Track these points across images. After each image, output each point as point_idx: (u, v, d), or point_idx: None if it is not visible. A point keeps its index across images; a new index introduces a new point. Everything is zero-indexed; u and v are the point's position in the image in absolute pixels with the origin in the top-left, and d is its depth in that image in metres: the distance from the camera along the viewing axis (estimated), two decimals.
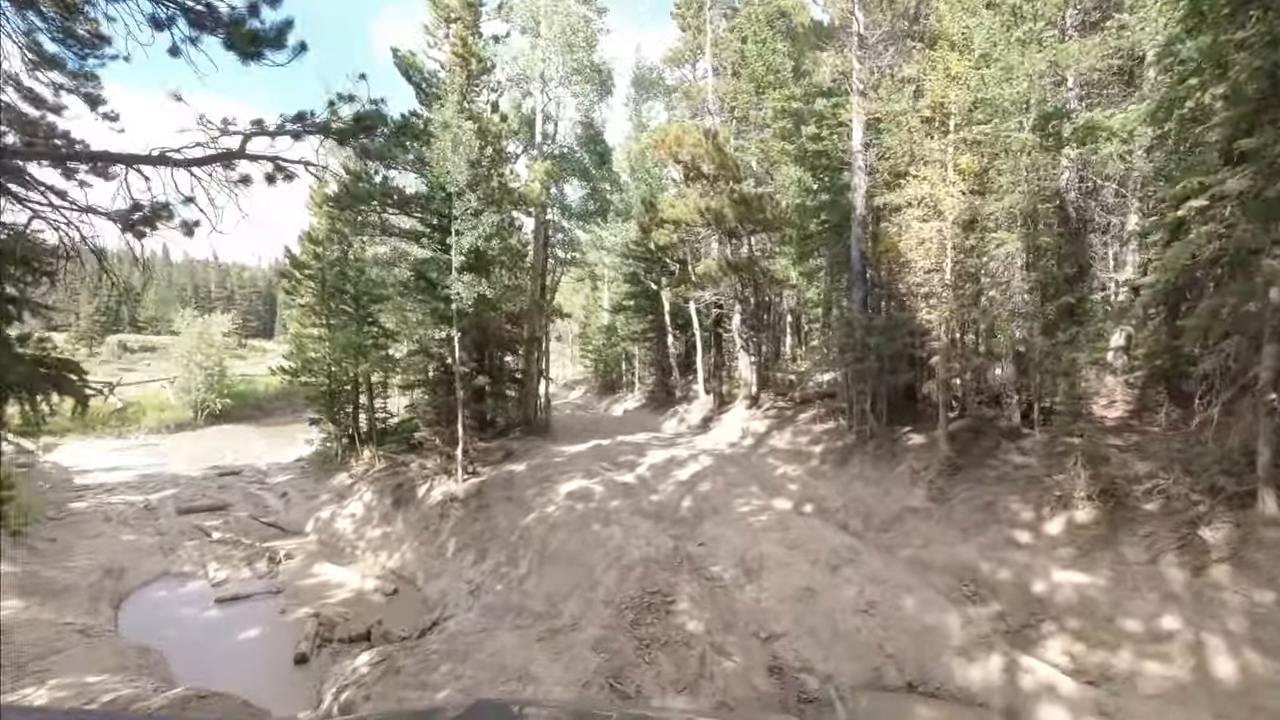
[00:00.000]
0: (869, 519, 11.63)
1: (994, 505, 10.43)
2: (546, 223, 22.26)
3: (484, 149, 15.77)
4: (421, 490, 15.50)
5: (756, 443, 16.81)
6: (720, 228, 16.82)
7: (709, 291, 18.63)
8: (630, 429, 22.26)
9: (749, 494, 12.90)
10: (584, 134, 23.52)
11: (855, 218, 14.97)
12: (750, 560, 9.67)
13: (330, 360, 19.81)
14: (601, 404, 35.72)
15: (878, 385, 14.25)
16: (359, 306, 20.73)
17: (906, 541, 10.41)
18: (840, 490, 12.97)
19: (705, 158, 16.10)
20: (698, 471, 14.32)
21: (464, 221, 14.45)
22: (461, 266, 14.66)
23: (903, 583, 8.56)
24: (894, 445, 13.73)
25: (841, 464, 14.12)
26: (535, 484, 14.34)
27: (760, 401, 19.44)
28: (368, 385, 23.47)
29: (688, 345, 29.44)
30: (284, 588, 12.86)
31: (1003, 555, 9.16)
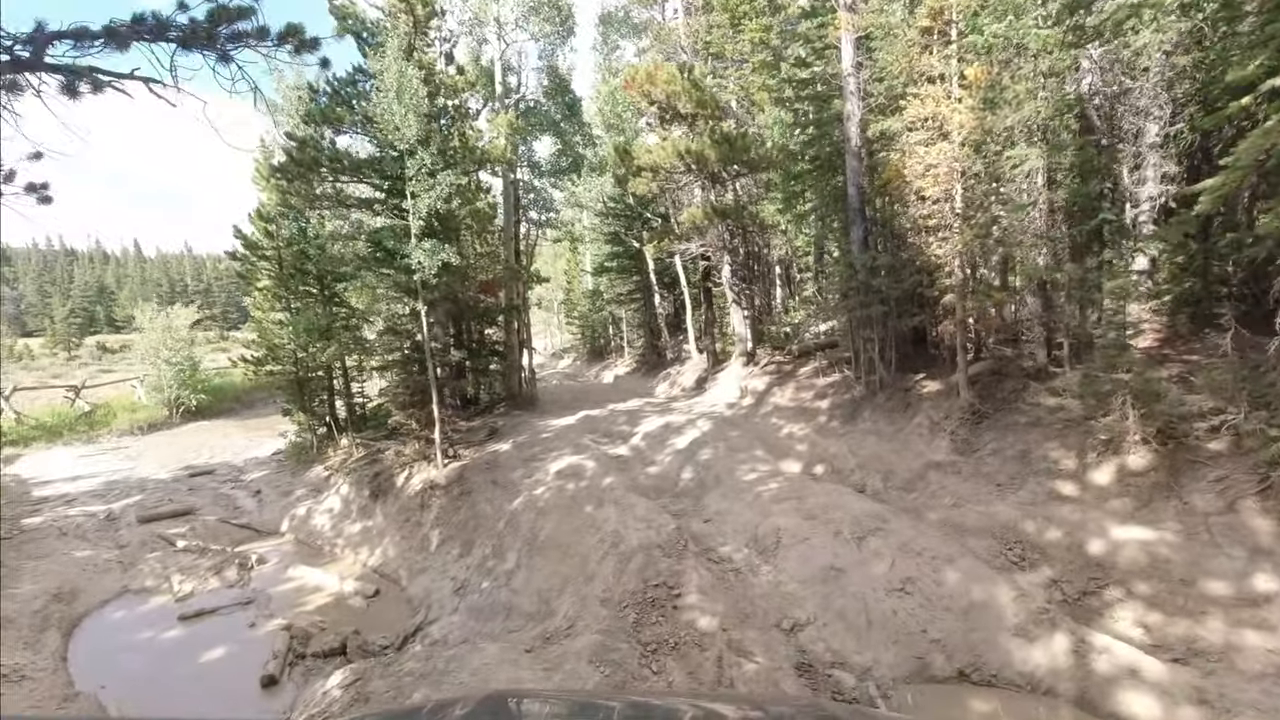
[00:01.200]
0: (889, 478, 10.57)
1: (1029, 455, 9.36)
2: (516, 183, 20.77)
3: (436, 100, 14.25)
4: (400, 479, 14.35)
5: (757, 402, 15.70)
6: (702, 171, 15.42)
7: (695, 243, 17.31)
8: (621, 396, 21.12)
9: (754, 459, 11.81)
10: (550, 84, 21.90)
11: (850, 149, 13.62)
12: (764, 536, 8.59)
13: (296, 345, 18.43)
14: (591, 371, 34.55)
15: (885, 331, 13.10)
16: (323, 286, 19.32)
17: (934, 502, 9.36)
18: (853, 448, 11.90)
19: (681, 95, 14.63)
20: (696, 438, 13.21)
21: (419, 183, 13.01)
22: (421, 232, 13.27)
23: (939, 552, 7.50)
24: (907, 395, 12.63)
25: (851, 419, 13.04)
26: (522, 464, 13.21)
27: (757, 357, 18.29)
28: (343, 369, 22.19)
29: (676, 304, 28.19)
30: (255, 597, 11.76)
31: (1047, 511, 8.11)
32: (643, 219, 23.61)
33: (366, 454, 16.08)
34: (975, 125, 10.85)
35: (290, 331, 17.53)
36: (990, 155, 11.03)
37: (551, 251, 51.45)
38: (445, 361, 15.67)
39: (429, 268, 12.91)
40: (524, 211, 22.16)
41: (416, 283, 13.37)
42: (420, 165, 12.95)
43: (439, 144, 13.61)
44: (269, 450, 23.13)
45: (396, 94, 12.71)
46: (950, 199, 11.29)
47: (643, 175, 15.62)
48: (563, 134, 21.85)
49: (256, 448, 25.17)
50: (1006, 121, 10.54)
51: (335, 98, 15.95)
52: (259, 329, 20.11)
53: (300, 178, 16.32)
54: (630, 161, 15.75)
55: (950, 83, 11.32)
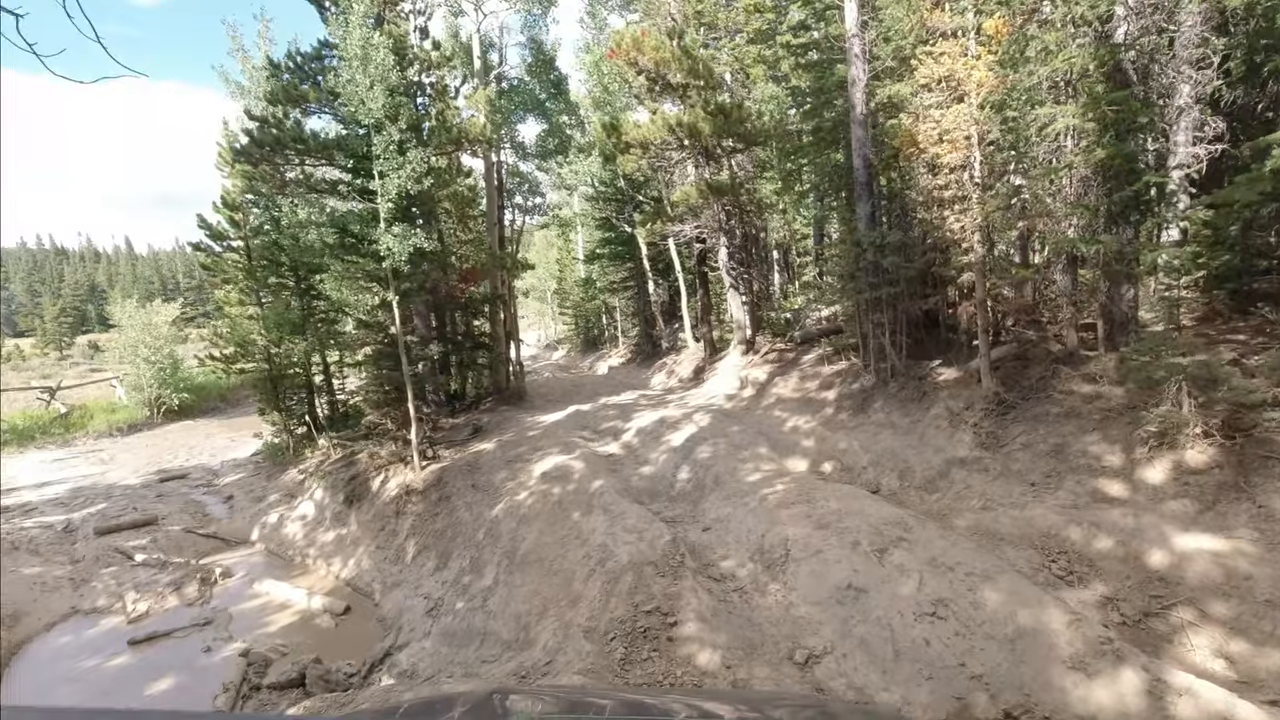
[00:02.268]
0: (906, 476, 9.57)
1: (1065, 449, 8.36)
2: (500, 165, 19.65)
3: (407, 72, 13.14)
4: (376, 483, 13.34)
5: (758, 393, 14.69)
6: (695, 146, 14.32)
7: (689, 225, 16.22)
8: (615, 388, 20.12)
9: (757, 456, 10.81)
10: (534, 60, 20.74)
11: (854, 118, 12.53)
12: (770, 548, 7.59)
13: (267, 341, 17.36)
14: (585, 362, 33.51)
15: (896, 314, 12.07)
16: (298, 278, 18.24)
17: (960, 504, 8.36)
18: (865, 443, 10.89)
19: (671, 63, 13.51)
20: (694, 434, 12.20)
21: (387, 161, 11.91)
22: (391, 216, 12.19)
23: (975, 566, 6.50)
24: (921, 384, 11.62)
25: (861, 410, 12.03)
26: (505, 465, 12.20)
27: (757, 346, 17.26)
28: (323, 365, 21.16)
29: (671, 291, 27.13)
30: (215, 616, 10.77)
31: (1093, 515, 7.11)
32: (635, 202, 22.50)
33: (343, 456, 15.07)
34: (996, 84, 9.79)
35: (260, 326, 16.42)
36: (1013, 117, 9.97)
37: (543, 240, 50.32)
38: (423, 356, 14.63)
39: (399, 254, 11.84)
40: (508, 196, 21.06)
41: (387, 271, 12.30)
42: (388, 142, 11.85)
43: (409, 119, 12.49)
44: (249, 451, 22.13)
45: (361, 63, 11.59)
46: (969, 167, 10.24)
47: (631, 152, 14.51)
48: (548, 113, 20.72)
49: (237, 448, 24.16)
50: (1033, 78, 9.47)
51: (298, 73, 14.82)
52: (230, 324, 19.02)
53: (265, 160, 15.23)
54: (618, 137, 14.65)
55: (967, 38, 10.24)
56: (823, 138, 14.28)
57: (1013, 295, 10.29)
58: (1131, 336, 9.79)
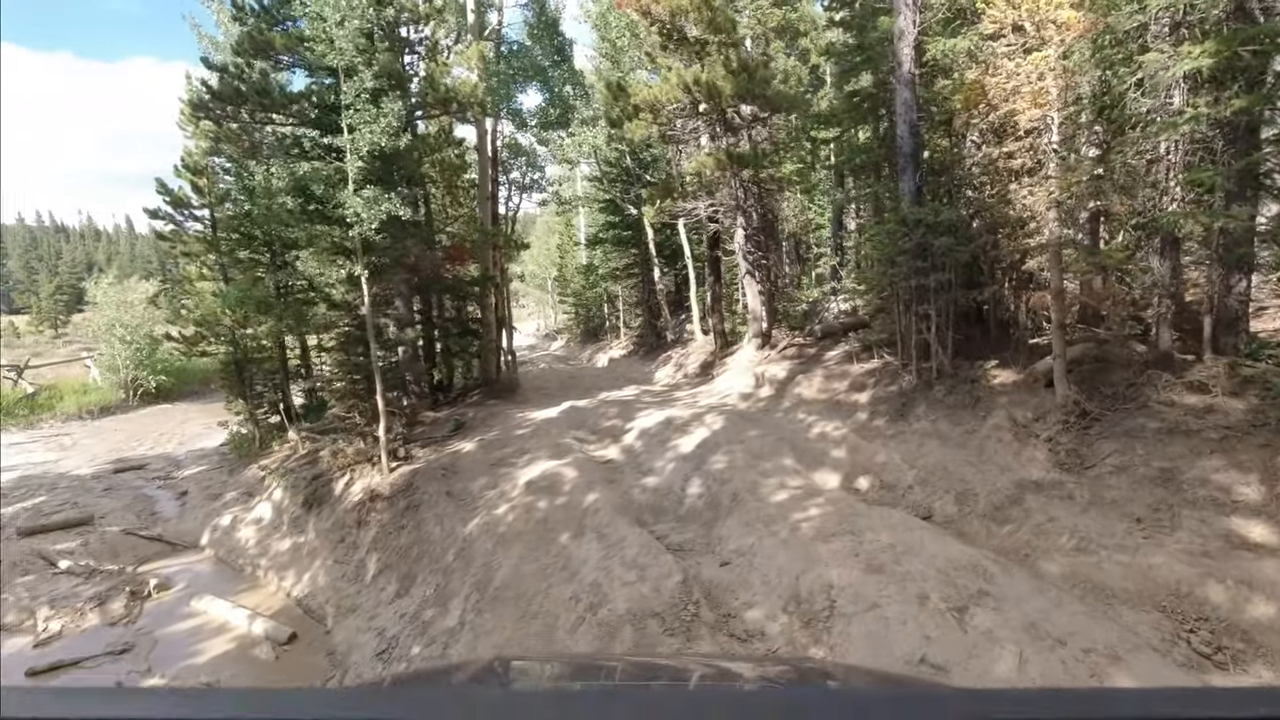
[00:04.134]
0: (966, 501, 7.89)
1: (1177, 476, 6.68)
2: (496, 134, 17.91)
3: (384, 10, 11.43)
4: (339, 486, 11.68)
5: (777, 393, 13.00)
6: (713, 110, 12.57)
7: (702, 203, 14.49)
8: (616, 382, 18.44)
9: (781, 469, 9.13)
10: (536, 22, 18.95)
11: (902, 77, 10.79)
12: (809, 596, 5.92)
13: (232, 321, 15.66)
14: (584, 353, 31.83)
15: (945, 306, 10.37)
16: (273, 253, 16.55)
17: (1044, 541, 6.68)
18: (908, 455, 9.21)
19: (690, 11, 11.75)
20: (706, 439, 10.52)
21: (359, 113, 10.20)
22: (362, 177, 10.49)
23: (1092, 638, 4.83)
24: (974, 387, 9.94)
25: (901, 416, 10.35)
26: (486, 470, 10.54)
27: (773, 340, 15.57)
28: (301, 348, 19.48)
29: (678, 279, 25.42)
30: (138, 641, 9.15)
31: (1238, 568, 5.44)
32: (641, 182, 20.77)
33: (310, 452, 13.42)
34: (1087, 28, 8.05)
35: (221, 304, 14.72)
36: (1107, 67, 8.25)
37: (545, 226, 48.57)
38: (399, 340, 12.95)
39: (368, 221, 10.14)
40: (504, 170, 19.33)
41: (355, 241, 10.61)
42: (359, 89, 10.14)
43: (385, 66, 10.77)
44: (220, 441, 20.49)
45: None
46: (1047, 128, 8.52)
47: (641, 117, 12.79)
48: (550, 81, 18.95)
49: (209, 436, 22.52)
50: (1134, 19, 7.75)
51: (265, 17, 13.08)
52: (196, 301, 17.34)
53: (228, 117, 13.53)
54: (625, 100, 12.92)
55: None
56: (857, 104, 12.54)
57: (1101, 285, 8.59)
58: (1242, 338, 8.11)
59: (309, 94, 11.60)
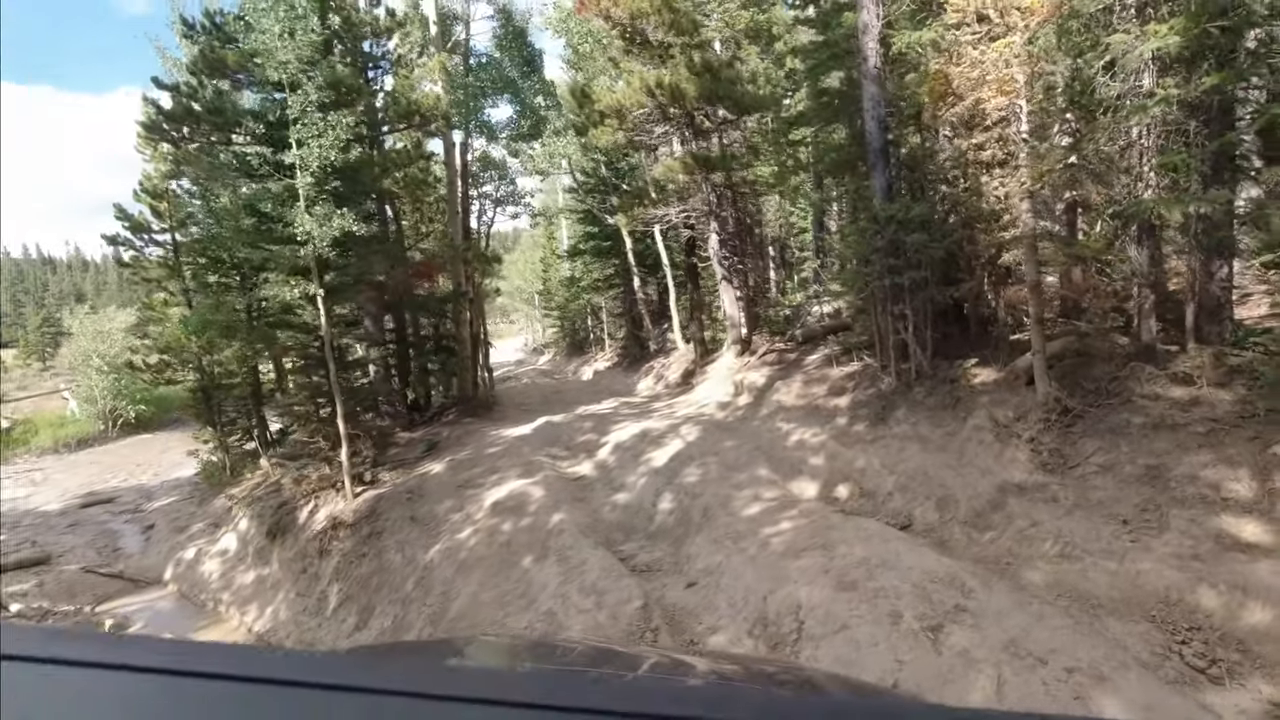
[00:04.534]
0: (947, 507, 7.52)
1: (1164, 473, 6.33)
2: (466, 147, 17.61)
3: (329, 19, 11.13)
4: (304, 514, 11.25)
5: (755, 400, 12.64)
6: (680, 114, 12.28)
7: (674, 209, 14.18)
8: (597, 395, 18.06)
9: (756, 480, 8.75)
10: (503, 34, 18.71)
11: (867, 72, 10.52)
12: (777, 618, 5.54)
13: (198, 346, 15.24)
14: (570, 367, 31.44)
15: (920, 304, 10.04)
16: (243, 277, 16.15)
17: (1028, 548, 6.30)
18: (888, 461, 8.85)
19: (650, 15, 11.48)
20: (680, 451, 10.15)
21: (306, 127, 9.86)
22: (314, 194, 10.13)
23: (1075, 655, 4.46)
24: (954, 387, 9.59)
25: (880, 420, 9.99)
26: (452, 492, 10.14)
27: (753, 346, 15.24)
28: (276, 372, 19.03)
29: (660, 288, 25.09)
30: None
31: (1230, 571, 5.08)
32: (617, 190, 20.48)
33: (278, 479, 12.98)
34: (1051, 12, 7.79)
35: (182, 330, 14.30)
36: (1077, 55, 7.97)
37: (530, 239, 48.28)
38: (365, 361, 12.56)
39: (320, 239, 9.78)
40: (476, 184, 19.01)
41: (310, 260, 10.23)
42: (304, 103, 9.80)
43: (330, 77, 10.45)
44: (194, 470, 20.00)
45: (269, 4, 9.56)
46: (1015, 119, 8.24)
47: (606, 123, 12.49)
48: (520, 92, 18.69)
49: (185, 466, 21.97)
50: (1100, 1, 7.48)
51: (218, 34, 12.77)
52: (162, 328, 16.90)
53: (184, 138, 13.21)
54: (590, 106, 12.62)
55: None
56: (827, 103, 12.27)
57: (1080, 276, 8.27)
58: (1226, 326, 7.79)
59: (259, 111, 11.25)
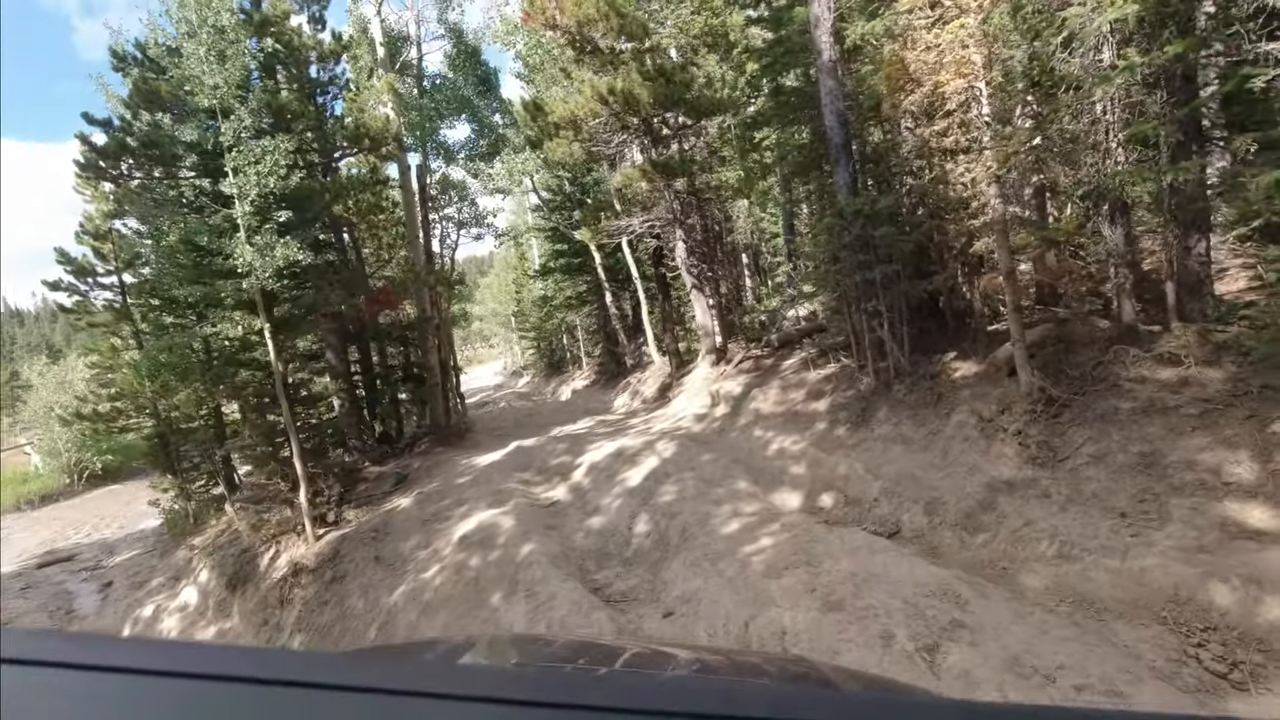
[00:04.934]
0: (935, 510, 7.12)
1: (1159, 460, 5.98)
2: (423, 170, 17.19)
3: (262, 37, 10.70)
4: (265, 561, 10.64)
5: (733, 410, 12.23)
6: (636, 120, 11.94)
7: (638, 219, 13.82)
8: (573, 415, 17.58)
9: (735, 495, 8.31)
10: (456, 53, 18.39)
11: (823, 65, 10.26)
12: (760, 645, 5.09)
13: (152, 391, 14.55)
14: (549, 388, 30.91)
15: (894, 299, 9.72)
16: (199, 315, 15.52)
17: (1023, 550, 5.91)
18: (872, 465, 8.46)
19: (598, 21, 11.15)
20: (656, 468, 9.70)
21: (241, 154, 9.37)
22: (255, 223, 9.63)
23: (1085, 670, 4.06)
24: (934, 383, 9.25)
25: (862, 422, 9.61)
26: (419, 527, 9.61)
27: (729, 354, 14.87)
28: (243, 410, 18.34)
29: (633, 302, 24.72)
30: None
31: (1242, 562, 4.71)
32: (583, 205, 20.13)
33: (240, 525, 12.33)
34: None
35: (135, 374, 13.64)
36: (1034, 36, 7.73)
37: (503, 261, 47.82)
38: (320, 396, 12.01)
39: (261, 270, 9.27)
40: (437, 206, 18.58)
41: (254, 293, 9.72)
42: (239, 128, 9.33)
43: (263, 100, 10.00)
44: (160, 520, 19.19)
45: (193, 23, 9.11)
46: (976, 101, 7.97)
47: (561, 135, 12.13)
48: (477, 112, 18.35)
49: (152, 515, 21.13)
50: None
51: (152, 66, 12.30)
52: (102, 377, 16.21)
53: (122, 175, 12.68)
54: (543, 118, 12.26)
55: None
56: (785, 101, 12.01)
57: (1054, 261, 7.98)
58: (1208, 302, 7.51)
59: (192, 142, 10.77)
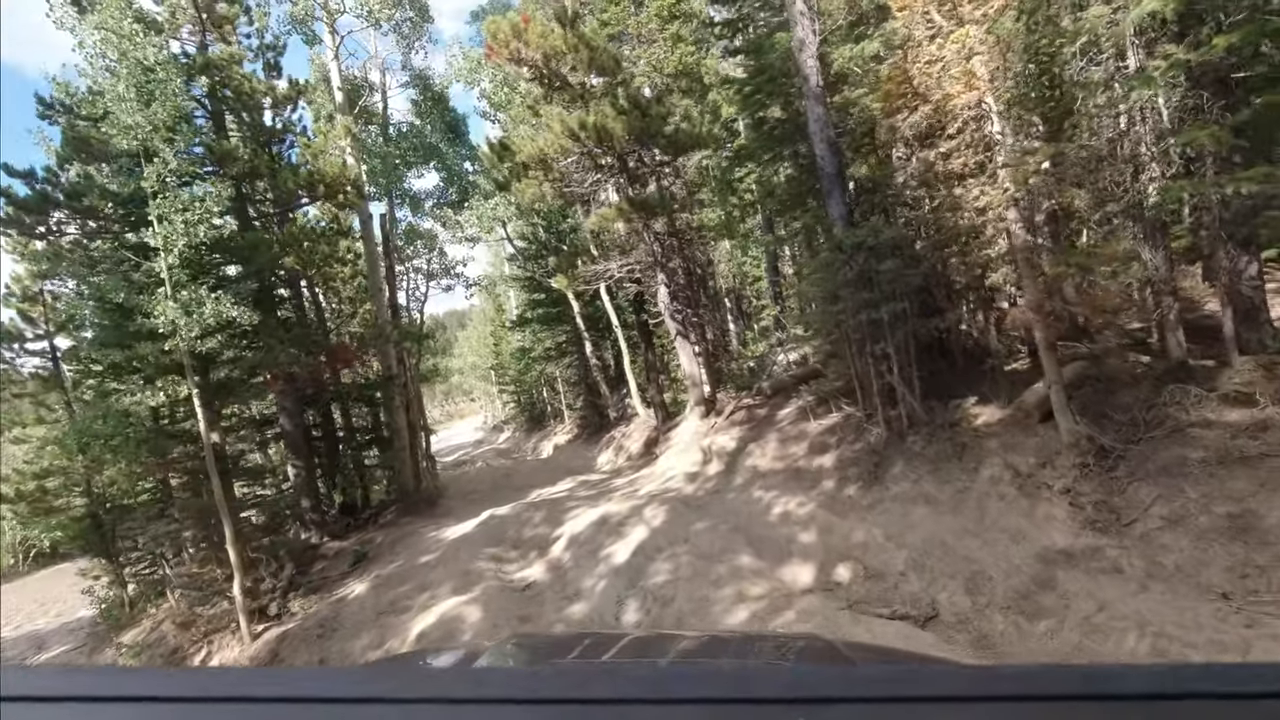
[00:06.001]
0: (978, 587, 5.97)
1: (1254, 523, 4.95)
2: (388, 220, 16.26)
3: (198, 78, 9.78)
4: (196, 663, 9.17)
5: (727, 467, 11.08)
6: (610, 157, 11.10)
7: (616, 263, 12.90)
8: (553, 474, 16.31)
9: (737, 572, 7.12)
10: (423, 99, 17.69)
11: (810, 91, 9.49)
12: None
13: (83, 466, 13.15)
14: (530, 443, 29.54)
15: (904, 340, 8.73)
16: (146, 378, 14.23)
17: (1103, 644, 4.76)
18: (892, 530, 7.33)
19: (566, 54, 10.37)
20: (645, 540, 8.48)
21: (167, 200, 8.31)
22: (183, 277, 8.52)
23: None
24: (954, 433, 8.21)
25: (875, 480, 8.51)
26: (373, 621, 8.27)
27: (718, 405, 13.79)
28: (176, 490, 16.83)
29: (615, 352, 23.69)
30: None
31: None
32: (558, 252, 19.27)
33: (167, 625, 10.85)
34: None
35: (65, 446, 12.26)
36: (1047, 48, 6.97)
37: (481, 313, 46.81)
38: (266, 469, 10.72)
39: (186, 330, 8.11)
40: (404, 257, 17.59)
41: (182, 355, 8.53)
42: (163, 172, 8.28)
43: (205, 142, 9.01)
44: None
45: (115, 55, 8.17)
46: (988, 117, 7.16)
47: (530, 175, 11.26)
48: (445, 159, 17.55)
49: None
50: None
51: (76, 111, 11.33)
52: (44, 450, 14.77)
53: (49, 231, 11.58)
54: (510, 158, 11.40)
55: None
56: (769, 133, 11.25)
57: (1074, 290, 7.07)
58: (1266, 330, 6.61)
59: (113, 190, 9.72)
